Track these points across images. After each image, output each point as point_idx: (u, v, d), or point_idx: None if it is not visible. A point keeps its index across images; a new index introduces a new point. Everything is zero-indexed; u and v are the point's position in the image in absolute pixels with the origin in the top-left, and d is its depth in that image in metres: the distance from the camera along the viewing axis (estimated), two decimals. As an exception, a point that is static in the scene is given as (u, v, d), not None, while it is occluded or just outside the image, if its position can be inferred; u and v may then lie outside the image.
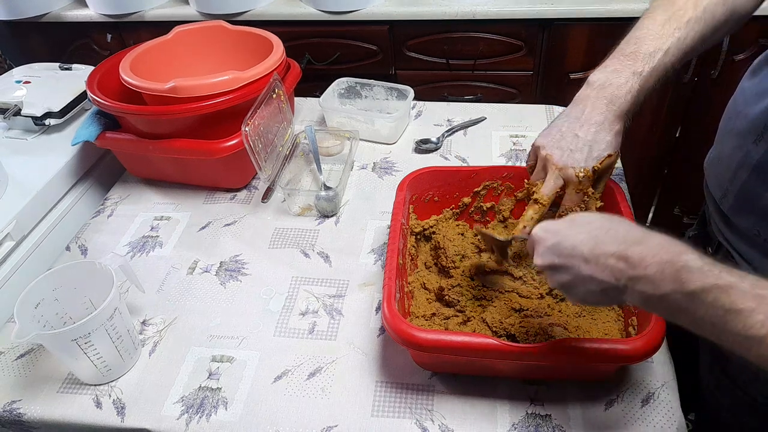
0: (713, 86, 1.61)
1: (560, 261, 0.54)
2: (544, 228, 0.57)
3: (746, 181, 0.66)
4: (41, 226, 1.01)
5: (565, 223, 0.56)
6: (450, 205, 0.90)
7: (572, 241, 0.53)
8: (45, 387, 0.76)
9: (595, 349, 0.61)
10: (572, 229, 0.55)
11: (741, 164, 0.67)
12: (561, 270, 0.55)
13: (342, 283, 0.88)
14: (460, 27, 1.62)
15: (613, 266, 0.50)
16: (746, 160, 0.66)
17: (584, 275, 0.53)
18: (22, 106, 1.11)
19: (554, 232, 0.56)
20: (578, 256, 0.53)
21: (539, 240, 0.57)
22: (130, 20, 1.73)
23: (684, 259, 0.47)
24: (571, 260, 0.53)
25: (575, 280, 0.54)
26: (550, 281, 0.58)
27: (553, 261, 0.55)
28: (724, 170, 0.71)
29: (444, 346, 0.63)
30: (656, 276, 0.48)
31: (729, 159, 0.69)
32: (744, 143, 0.66)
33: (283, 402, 0.73)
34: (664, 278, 0.47)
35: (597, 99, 0.68)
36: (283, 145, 1.07)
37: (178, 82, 0.93)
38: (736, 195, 0.68)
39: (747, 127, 0.66)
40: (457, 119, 1.22)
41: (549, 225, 0.57)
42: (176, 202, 1.07)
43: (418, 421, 0.70)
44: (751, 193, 0.66)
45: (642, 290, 0.49)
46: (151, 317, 0.85)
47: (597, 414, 0.69)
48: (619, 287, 0.51)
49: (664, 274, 0.47)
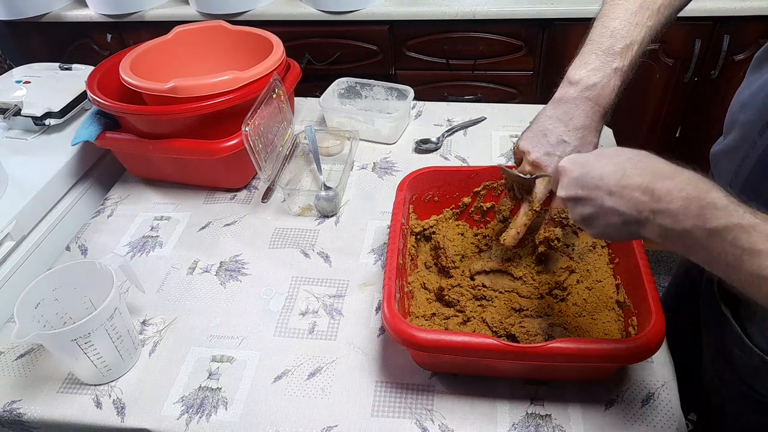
0: (713, 86, 1.61)
1: (584, 193, 0.54)
2: (572, 159, 0.56)
3: (752, 171, 0.66)
4: (41, 226, 1.01)
5: (594, 155, 0.55)
6: (450, 205, 0.90)
7: (599, 172, 0.53)
8: (45, 387, 0.76)
9: (595, 349, 0.61)
10: (600, 160, 0.54)
11: (747, 155, 0.67)
12: (584, 202, 0.54)
13: (342, 283, 0.88)
14: (460, 27, 1.62)
15: (637, 198, 0.50)
16: (752, 151, 0.66)
17: (607, 207, 0.52)
18: (22, 106, 1.11)
19: (581, 164, 0.55)
20: (603, 187, 0.52)
21: (565, 171, 0.56)
22: (130, 20, 1.73)
23: (711, 196, 0.47)
24: (596, 192, 0.53)
25: (597, 212, 0.53)
26: (572, 213, 0.57)
27: (577, 193, 0.54)
28: (729, 161, 0.71)
29: (444, 346, 0.63)
30: (680, 210, 0.47)
31: (735, 150, 0.70)
32: (749, 134, 0.66)
33: (283, 402, 0.73)
34: (687, 213, 0.47)
35: (581, 100, 0.68)
36: (283, 145, 1.07)
37: (178, 82, 0.93)
38: (742, 186, 0.69)
39: (752, 119, 0.66)
40: (457, 119, 1.22)
41: (576, 157, 0.56)
42: (176, 202, 1.07)
43: (418, 421, 0.70)
44: (756, 184, 0.66)
45: (663, 224, 0.49)
46: (151, 317, 0.85)
47: (597, 414, 0.69)
48: (640, 220, 0.50)
49: (688, 210, 0.47)
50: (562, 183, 0.57)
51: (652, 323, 0.62)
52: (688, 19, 1.46)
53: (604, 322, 0.74)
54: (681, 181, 0.48)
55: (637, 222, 0.51)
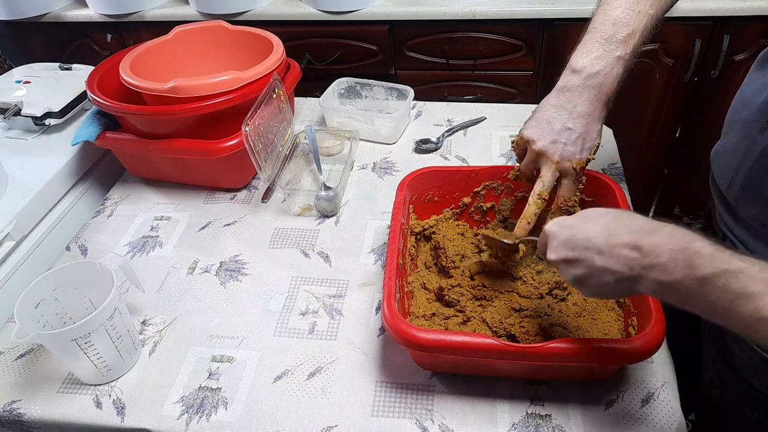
0: (713, 86, 1.61)
1: (574, 254, 0.55)
2: (558, 223, 0.58)
3: (752, 168, 0.67)
4: (41, 226, 1.01)
5: (578, 218, 0.57)
6: (450, 205, 0.90)
7: (586, 234, 0.54)
8: (45, 387, 0.76)
9: (595, 349, 0.61)
10: (586, 222, 0.55)
11: (747, 153, 0.67)
12: (575, 263, 0.55)
13: (342, 283, 0.88)
14: (460, 27, 1.62)
15: (627, 256, 0.51)
16: (752, 148, 0.66)
17: (598, 267, 0.53)
18: (22, 106, 1.11)
19: (568, 227, 0.57)
20: (593, 248, 0.53)
21: (553, 235, 0.58)
22: (130, 20, 1.73)
23: (696, 245, 0.48)
24: (586, 253, 0.54)
25: (590, 272, 0.54)
26: (564, 275, 0.58)
27: (567, 255, 0.56)
28: (730, 160, 0.71)
29: (444, 346, 0.63)
30: (669, 263, 0.48)
31: (735, 149, 0.70)
32: (750, 132, 0.67)
33: (283, 402, 0.73)
34: (676, 265, 0.48)
35: (585, 88, 0.69)
36: (283, 145, 1.07)
37: (178, 82, 0.93)
38: (741, 184, 0.69)
39: (753, 117, 0.66)
40: (457, 119, 1.22)
41: (561, 220, 0.58)
42: (176, 202, 1.07)
43: (418, 421, 0.70)
44: (756, 182, 0.67)
45: (655, 278, 0.50)
46: (151, 317, 0.85)
47: (597, 414, 0.69)
48: (633, 277, 0.51)
49: (676, 261, 0.48)
50: (551, 246, 0.58)
51: (652, 323, 0.62)
52: (688, 19, 1.46)
53: (604, 322, 0.74)
54: (665, 235, 0.50)
55: (630, 279, 0.52)
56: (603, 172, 0.92)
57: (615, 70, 0.68)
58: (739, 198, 0.70)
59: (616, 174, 1.03)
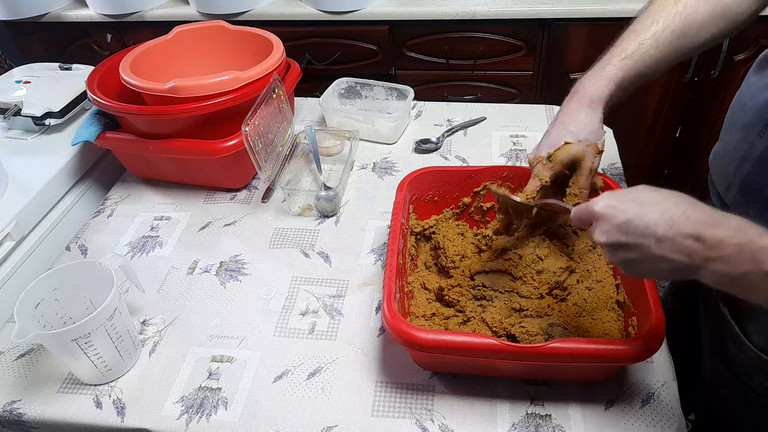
0: (713, 86, 1.61)
1: (629, 239, 0.54)
2: (611, 205, 0.56)
3: (750, 172, 0.67)
4: (41, 226, 1.01)
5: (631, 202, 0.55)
6: (450, 205, 0.90)
7: (644, 220, 0.53)
8: (45, 387, 0.76)
9: (595, 349, 0.61)
10: (642, 207, 0.54)
11: (745, 156, 0.67)
12: (628, 248, 0.55)
13: (342, 283, 0.88)
14: (460, 27, 1.62)
15: (689, 246, 0.51)
16: (750, 151, 0.66)
17: (655, 254, 0.53)
18: (22, 106, 1.11)
19: (622, 210, 0.55)
20: (650, 235, 0.52)
21: (604, 216, 0.56)
22: (130, 20, 1.73)
23: (763, 241, 0.48)
24: (643, 239, 0.53)
25: (643, 258, 0.54)
26: (611, 257, 0.57)
27: (620, 239, 0.55)
28: (728, 163, 0.71)
29: (444, 346, 0.63)
30: (734, 257, 0.49)
31: (734, 152, 0.70)
32: (749, 135, 0.67)
33: (283, 402, 0.73)
34: (742, 259, 0.48)
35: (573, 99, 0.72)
36: (283, 145, 1.07)
37: (178, 82, 0.93)
38: (740, 187, 0.69)
39: (752, 120, 0.66)
40: (457, 119, 1.22)
41: (614, 203, 0.56)
42: (176, 202, 1.07)
43: (418, 421, 0.70)
44: (754, 185, 0.67)
45: (718, 269, 0.50)
46: (151, 317, 0.85)
47: (597, 414, 0.69)
48: (692, 266, 0.51)
49: (742, 255, 0.48)
50: (601, 228, 0.57)
51: (652, 323, 0.62)
52: (688, 19, 1.46)
53: (604, 322, 0.74)
54: (731, 228, 0.50)
55: (688, 268, 0.52)
56: (603, 172, 0.92)
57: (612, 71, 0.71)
58: (737, 200, 0.70)
59: (616, 174, 1.03)
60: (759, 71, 0.70)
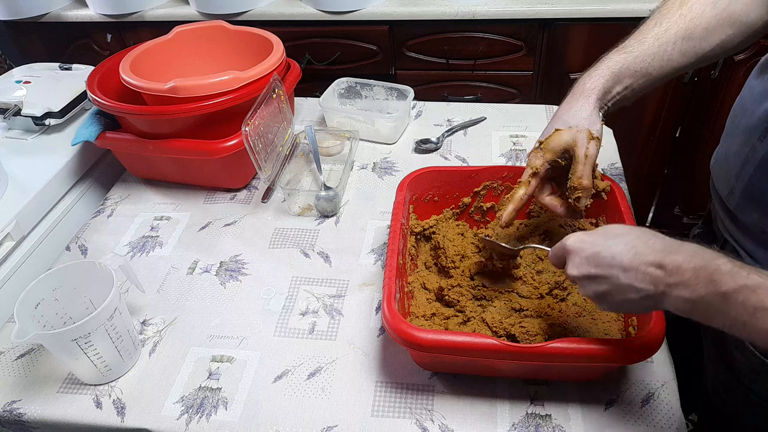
0: (713, 86, 1.61)
1: (598, 271, 0.56)
2: (580, 239, 0.59)
3: (752, 176, 0.67)
4: (41, 226, 1.01)
5: (599, 235, 0.58)
6: (450, 205, 0.90)
7: (611, 252, 0.55)
8: (45, 387, 0.76)
9: (595, 349, 0.61)
10: (608, 240, 0.56)
11: (747, 160, 0.67)
12: (598, 280, 0.56)
13: (342, 283, 0.88)
14: (460, 27, 1.62)
15: (652, 274, 0.52)
16: (752, 156, 0.66)
17: (623, 284, 0.54)
18: (22, 106, 1.11)
19: (591, 243, 0.57)
20: (617, 265, 0.54)
21: (575, 251, 0.59)
22: (130, 20, 1.73)
23: (716, 263, 0.50)
24: (610, 270, 0.55)
25: (613, 289, 0.56)
26: (584, 290, 0.59)
27: (590, 271, 0.57)
28: (730, 167, 0.71)
29: (444, 346, 0.63)
30: (691, 280, 0.50)
31: (735, 156, 0.70)
32: (750, 139, 0.67)
33: (283, 402, 0.73)
34: (698, 282, 0.50)
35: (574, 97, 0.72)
36: (283, 145, 1.07)
37: (178, 82, 0.93)
38: (742, 191, 0.69)
39: (753, 124, 0.66)
40: (457, 119, 1.22)
41: (583, 236, 0.59)
42: (176, 202, 1.07)
43: (418, 421, 0.70)
44: (756, 189, 0.67)
45: (680, 295, 0.51)
46: (151, 317, 0.85)
47: (597, 414, 0.69)
48: (657, 294, 0.53)
49: (698, 279, 0.50)
50: (572, 262, 0.59)
51: (652, 323, 0.62)
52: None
53: (604, 322, 0.74)
54: (687, 254, 0.51)
55: (655, 296, 0.53)
56: (603, 172, 0.92)
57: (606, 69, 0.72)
58: (739, 205, 0.70)
59: (616, 174, 1.03)
60: (761, 75, 0.69)
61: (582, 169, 0.69)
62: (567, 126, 0.70)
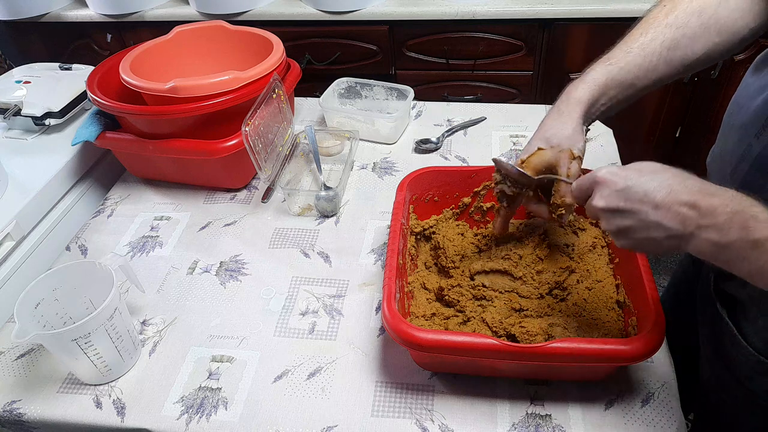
0: (713, 86, 1.61)
1: (627, 205, 0.55)
2: (612, 172, 0.57)
3: (747, 174, 0.67)
4: (41, 226, 1.01)
5: (633, 171, 0.56)
6: (450, 205, 0.90)
7: (644, 187, 0.54)
8: (45, 387, 0.76)
9: (595, 349, 0.61)
10: (644, 176, 0.55)
11: (742, 158, 0.67)
12: (625, 214, 0.55)
13: (342, 283, 0.88)
14: (460, 27, 1.62)
15: (684, 214, 0.51)
16: (747, 153, 0.66)
17: (651, 221, 0.53)
18: (22, 106, 1.11)
19: (624, 177, 0.56)
20: (649, 201, 0.53)
21: (605, 182, 0.57)
22: (130, 20, 1.73)
23: (754, 210, 0.49)
24: (640, 205, 0.54)
25: (639, 225, 0.55)
26: (606, 224, 0.58)
27: (619, 204, 0.55)
28: (725, 164, 0.71)
29: (444, 346, 0.63)
30: (725, 224, 0.49)
31: (731, 153, 0.70)
32: (745, 137, 0.67)
33: (283, 402, 0.73)
34: (732, 226, 0.49)
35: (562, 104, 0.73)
36: (283, 145, 1.07)
37: (178, 82, 0.93)
38: (737, 189, 0.69)
39: (749, 121, 0.66)
40: (457, 119, 1.22)
41: (616, 169, 0.57)
42: (176, 202, 1.07)
43: (418, 421, 0.70)
44: (751, 187, 0.66)
45: (709, 237, 0.51)
46: (151, 317, 0.85)
47: (597, 414, 0.69)
48: (685, 234, 0.52)
49: (732, 223, 0.49)
50: (600, 193, 0.58)
51: (652, 323, 0.62)
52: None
53: (604, 322, 0.74)
54: (726, 198, 0.51)
55: (681, 236, 0.52)
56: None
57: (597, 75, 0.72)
58: None
59: (616, 174, 1.03)
60: (756, 72, 0.70)
61: (565, 188, 0.70)
62: (549, 145, 0.70)
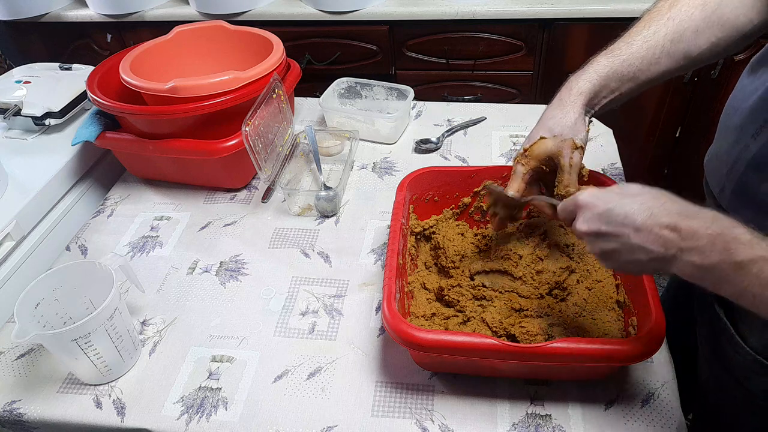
0: (713, 86, 1.61)
1: (608, 228, 0.55)
2: (594, 195, 0.58)
3: (743, 174, 0.67)
4: (41, 226, 1.01)
5: (614, 193, 0.57)
6: (450, 205, 0.90)
7: (624, 210, 0.54)
8: (45, 387, 0.76)
9: (595, 349, 0.61)
10: (624, 198, 0.55)
11: (738, 158, 0.67)
12: (607, 237, 0.55)
13: (342, 283, 0.88)
14: (460, 27, 1.62)
15: (665, 237, 0.51)
16: (743, 154, 0.66)
17: (633, 244, 0.53)
18: (22, 106, 1.11)
19: (604, 200, 0.56)
20: (629, 224, 0.53)
21: (587, 206, 0.58)
22: (130, 20, 1.73)
23: (735, 232, 0.49)
24: (622, 228, 0.54)
25: (621, 248, 0.55)
26: (590, 247, 0.58)
27: (601, 228, 0.56)
28: (722, 165, 0.71)
29: (444, 346, 0.63)
30: (706, 247, 0.49)
31: (727, 154, 0.70)
32: (742, 137, 0.67)
33: (283, 402, 0.73)
34: (714, 249, 0.49)
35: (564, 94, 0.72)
36: (283, 145, 1.07)
37: (178, 82, 0.93)
38: (733, 189, 0.69)
39: (745, 122, 0.66)
40: (457, 119, 1.22)
41: (597, 192, 0.58)
42: (176, 202, 1.07)
43: (418, 421, 0.70)
44: (748, 187, 0.67)
45: (691, 260, 0.51)
46: (151, 317, 0.85)
47: (597, 414, 0.69)
48: (668, 257, 0.52)
49: (714, 245, 0.49)
50: (583, 216, 0.58)
51: (652, 323, 0.62)
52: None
53: (604, 322, 0.74)
54: (706, 220, 0.51)
55: (664, 259, 0.52)
56: (603, 172, 0.92)
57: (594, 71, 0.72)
58: (731, 203, 0.70)
59: (616, 174, 1.03)
60: (752, 73, 0.70)
61: (568, 178, 0.70)
62: (551, 134, 0.70)
